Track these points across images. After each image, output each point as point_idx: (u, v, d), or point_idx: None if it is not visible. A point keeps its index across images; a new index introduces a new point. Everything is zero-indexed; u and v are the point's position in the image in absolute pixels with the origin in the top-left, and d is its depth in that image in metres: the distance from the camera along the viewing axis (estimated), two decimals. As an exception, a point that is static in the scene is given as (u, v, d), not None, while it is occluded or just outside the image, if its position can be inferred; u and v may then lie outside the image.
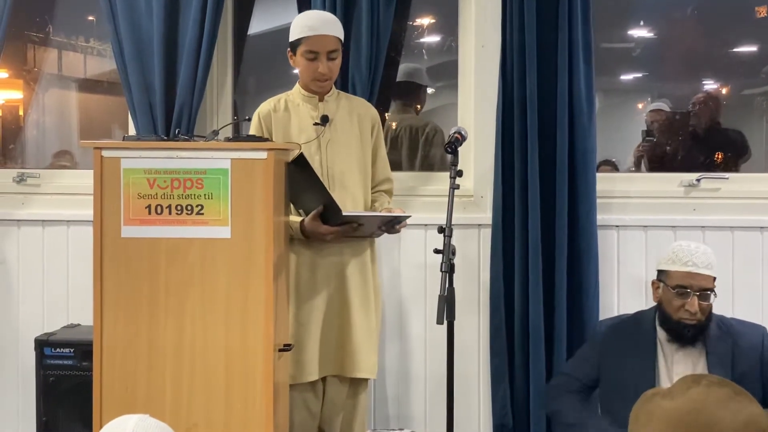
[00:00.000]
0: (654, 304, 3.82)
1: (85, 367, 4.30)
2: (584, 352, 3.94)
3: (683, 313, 3.64)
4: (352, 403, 3.99)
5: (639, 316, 3.87)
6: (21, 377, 4.82)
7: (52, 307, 4.83)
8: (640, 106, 5.99)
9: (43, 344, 4.46)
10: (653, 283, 3.79)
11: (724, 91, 5.95)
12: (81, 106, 6.07)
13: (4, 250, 4.88)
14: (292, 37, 3.93)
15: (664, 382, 3.66)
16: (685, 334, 3.68)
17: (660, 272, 3.75)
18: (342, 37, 3.98)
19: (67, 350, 4.44)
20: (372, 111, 4.12)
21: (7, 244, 4.87)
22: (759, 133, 5.94)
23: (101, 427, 2.47)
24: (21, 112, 5.87)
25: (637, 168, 5.32)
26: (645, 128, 5.61)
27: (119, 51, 4.58)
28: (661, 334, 3.74)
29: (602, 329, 3.90)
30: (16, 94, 5.83)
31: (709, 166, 5.22)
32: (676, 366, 3.70)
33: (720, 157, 5.32)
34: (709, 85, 5.94)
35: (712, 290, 3.66)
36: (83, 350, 4.33)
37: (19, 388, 4.84)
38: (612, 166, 5.54)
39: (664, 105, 5.80)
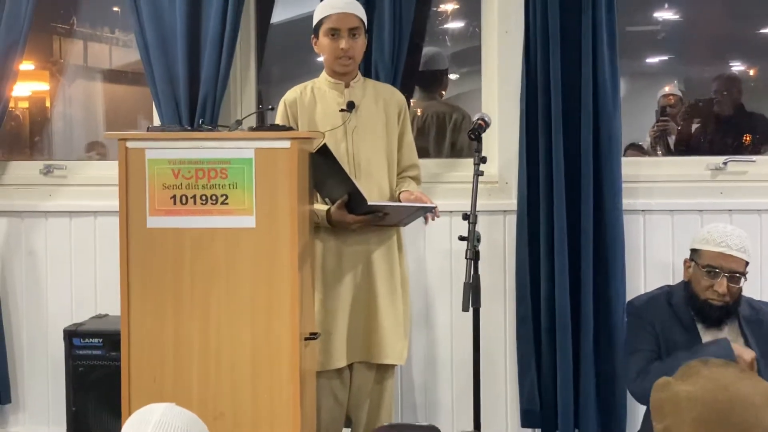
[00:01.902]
0: (682, 281, 3.79)
1: (114, 356, 4.34)
2: (637, 326, 3.83)
3: (711, 293, 3.62)
4: (379, 390, 4.00)
5: (669, 290, 3.84)
6: (51, 367, 4.87)
7: (81, 298, 4.87)
8: (667, 88, 5.94)
9: (72, 335, 4.50)
10: (685, 261, 3.76)
11: (751, 72, 5.89)
12: (107, 96, 6.10)
13: (32, 241, 4.92)
14: (315, 21, 3.95)
15: None
16: (711, 315, 3.65)
17: (693, 251, 3.72)
18: (364, 19, 3.98)
19: (95, 340, 4.48)
20: (398, 96, 4.11)
21: (35, 236, 4.91)
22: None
23: (130, 416, 2.48)
24: (48, 104, 5.90)
25: (654, 149, 5.29)
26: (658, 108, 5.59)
27: (143, 43, 4.60)
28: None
29: (638, 303, 3.86)
30: (42, 86, 5.87)
31: (735, 149, 5.17)
32: (709, 338, 3.67)
33: (748, 139, 5.28)
34: (736, 66, 5.88)
35: (742, 274, 3.63)
36: (112, 340, 4.37)
37: (49, 378, 4.88)
38: (639, 150, 5.51)
39: (675, 89, 5.76)
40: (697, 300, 3.67)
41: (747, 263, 3.65)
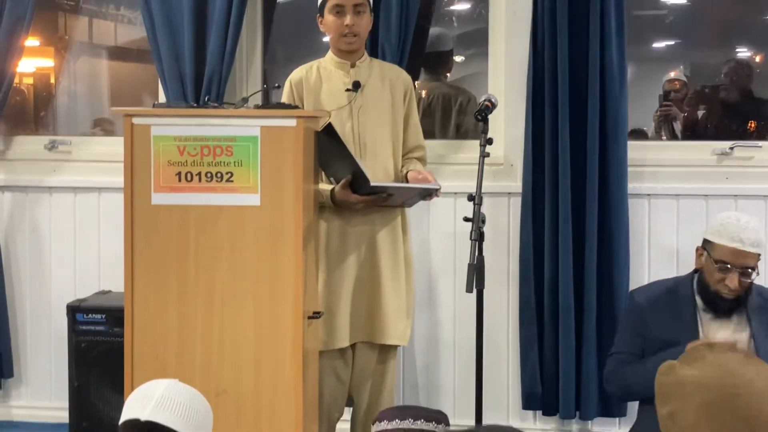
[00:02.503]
0: (693, 269, 3.77)
1: (117, 332, 4.34)
2: (628, 325, 3.81)
3: (722, 286, 3.58)
4: (381, 370, 4.00)
5: (675, 283, 3.79)
6: (53, 343, 4.88)
7: (84, 274, 4.87)
8: (672, 74, 5.92)
9: (75, 310, 4.51)
10: (698, 249, 3.69)
11: (757, 59, 5.87)
12: (112, 74, 6.09)
13: (36, 217, 4.92)
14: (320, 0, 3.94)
15: None
16: (721, 307, 3.62)
17: (706, 241, 3.66)
18: None
19: (98, 316, 4.48)
20: (404, 76, 4.09)
21: (39, 211, 4.91)
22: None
23: (132, 392, 2.49)
24: (53, 80, 5.90)
25: (658, 133, 5.27)
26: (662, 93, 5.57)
27: (149, 20, 4.59)
28: (698, 301, 3.69)
29: (640, 300, 3.80)
30: (47, 62, 5.85)
31: (741, 135, 5.16)
32: (719, 333, 3.65)
33: (753, 125, 5.26)
34: (743, 52, 5.86)
35: (754, 268, 3.58)
36: (115, 316, 4.37)
37: (52, 354, 4.89)
38: (642, 136, 5.49)
39: (680, 74, 5.74)
40: (708, 290, 3.62)
41: (759, 255, 3.59)
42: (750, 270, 3.57)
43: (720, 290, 3.59)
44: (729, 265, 3.54)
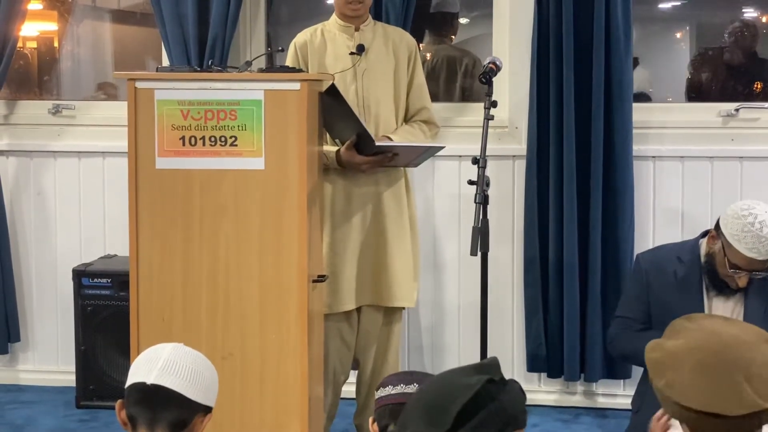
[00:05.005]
0: (700, 233, 3.74)
1: (122, 297, 4.37)
2: (632, 290, 3.81)
3: (730, 280, 3.55)
4: (387, 332, 4.01)
5: (680, 250, 3.75)
6: (60, 307, 4.89)
7: (89, 238, 4.88)
8: (678, 35, 5.88)
9: (80, 274, 4.53)
10: (711, 233, 3.62)
11: (764, 19, 5.84)
12: (115, 37, 6.07)
13: (41, 181, 4.92)
14: None
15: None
16: (725, 290, 3.60)
17: (721, 233, 3.52)
18: None
19: (104, 280, 4.51)
20: (408, 39, 4.07)
21: (44, 176, 4.91)
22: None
23: (138, 355, 2.50)
24: (56, 44, 5.88)
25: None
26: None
27: (152, -18, 4.57)
28: (705, 278, 3.65)
29: (645, 265, 3.79)
30: (51, 26, 5.84)
31: (746, 97, 5.13)
32: (715, 303, 3.64)
33: (759, 86, 5.24)
34: (749, 13, 5.83)
35: (765, 269, 3.52)
36: (120, 280, 4.40)
37: (58, 318, 4.91)
38: (645, 99, 5.44)
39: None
40: (716, 276, 3.59)
41: None
42: (761, 271, 3.50)
43: (728, 281, 3.56)
44: (741, 269, 3.48)
